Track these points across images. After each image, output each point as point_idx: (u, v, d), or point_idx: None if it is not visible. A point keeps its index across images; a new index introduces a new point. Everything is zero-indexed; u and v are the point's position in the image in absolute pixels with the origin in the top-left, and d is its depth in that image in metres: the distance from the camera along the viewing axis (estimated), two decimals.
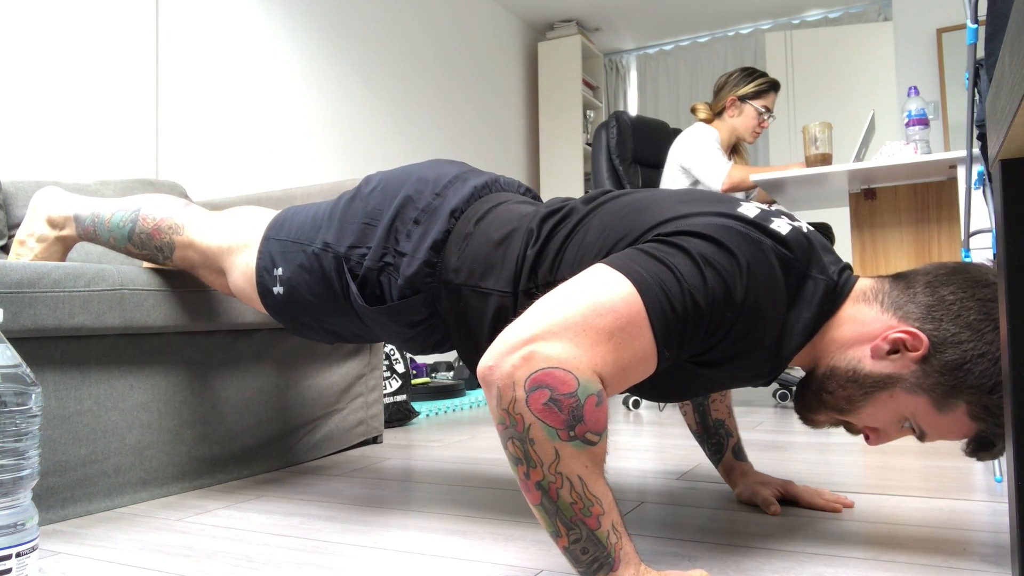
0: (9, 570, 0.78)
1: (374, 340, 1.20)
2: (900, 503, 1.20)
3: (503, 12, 4.67)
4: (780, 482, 1.20)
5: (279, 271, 1.13)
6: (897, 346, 0.83)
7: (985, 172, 1.05)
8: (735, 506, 1.19)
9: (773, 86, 2.73)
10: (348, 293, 1.07)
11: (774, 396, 2.66)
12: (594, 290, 0.74)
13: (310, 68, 3.13)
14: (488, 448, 1.84)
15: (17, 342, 1.14)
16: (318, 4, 3.18)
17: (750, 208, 0.87)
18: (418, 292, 1.03)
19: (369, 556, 0.98)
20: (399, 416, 2.33)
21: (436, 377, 3.55)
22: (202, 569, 0.94)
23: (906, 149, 2.19)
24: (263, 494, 1.37)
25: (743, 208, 0.86)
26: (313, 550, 1.02)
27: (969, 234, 1.30)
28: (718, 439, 1.26)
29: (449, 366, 3.68)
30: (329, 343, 1.28)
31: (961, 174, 2.04)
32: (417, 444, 1.94)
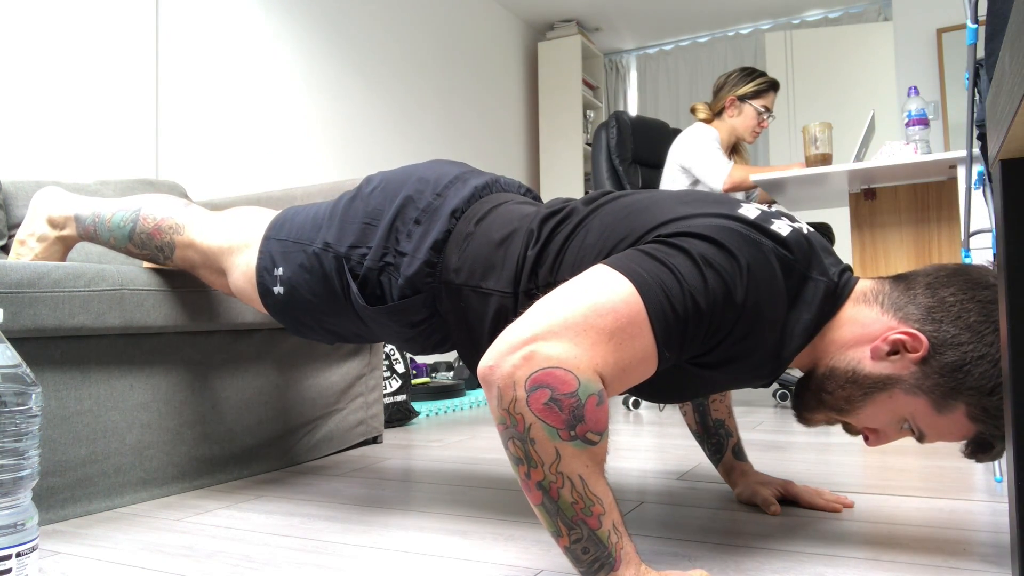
0: (9, 570, 0.78)
1: (374, 340, 1.20)
2: (900, 503, 1.20)
3: (503, 12, 4.67)
4: (780, 482, 1.20)
5: (279, 271, 1.13)
6: (897, 347, 0.83)
7: (985, 172, 1.05)
8: (735, 506, 1.19)
9: (772, 86, 2.73)
10: (348, 293, 1.07)
11: (774, 396, 2.66)
12: (595, 290, 0.74)
13: (310, 68, 3.13)
14: (488, 448, 1.84)
15: (17, 342, 1.14)
16: (318, 4, 3.18)
17: (750, 209, 0.87)
18: (418, 292, 1.03)
19: (369, 556, 0.99)
20: (399, 416, 2.33)
21: (436, 377, 3.55)
22: (202, 569, 0.94)
23: (906, 149, 2.19)
24: (263, 494, 1.37)
25: (743, 209, 0.86)
26: (313, 550, 1.02)
27: (969, 234, 1.30)
28: (718, 439, 1.26)
29: (449, 366, 3.68)
30: (329, 343, 1.28)
31: (961, 174, 2.04)
32: (417, 444, 1.94)
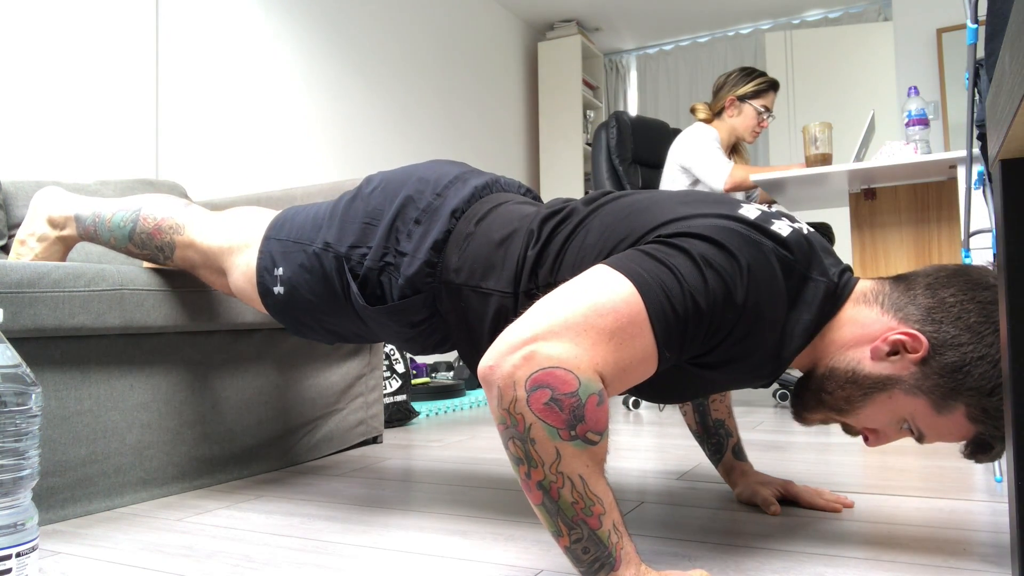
0: (9, 570, 0.78)
1: (374, 340, 1.20)
2: (900, 503, 1.20)
3: (503, 12, 4.67)
4: (780, 482, 1.20)
5: (280, 271, 1.13)
6: (897, 348, 0.83)
7: (985, 172, 1.05)
8: (735, 506, 1.19)
9: (772, 85, 2.73)
10: (349, 293, 1.07)
11: (774, 396, 2.66)
12: (595, 290, 0.74)
13: (310, 68, 3.13)
14: (488, 448, 1.84)
15: (17, 342, 1.14)
16: (318, 4, 3.18)
17: (751, 210, 0.87)
18: (419, 292, 1.03)
19: (369, 556, 0.99)
20: (399, 416, 2.33)
21: (436, 377, 3.55)
22: (202, 569, 0.94)
23: (906, 149, 2.19)
24: (263, 494, 1.37)
25: (744, 210, 0.86)
26: (313, 550, 1.02)
27: (969, 234, 1.30)
28: (718, 439, 1.26)
29: (449, 366, 3.68)
30: (329, 343, 1.28)
31: (961, 174, 2.04)
32: (417, 444, 1.94)
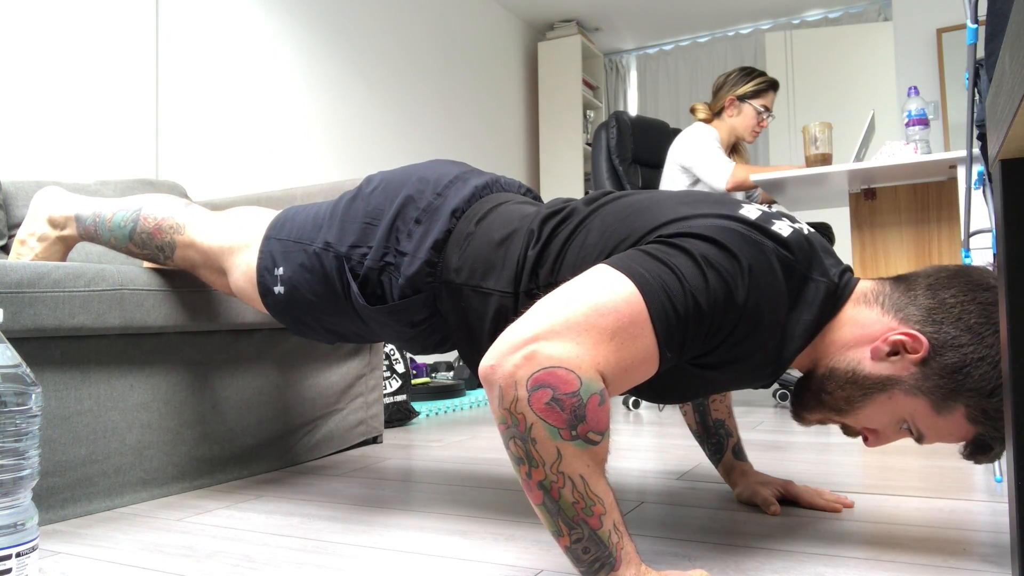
0: (9, 570, 0.78)
1: (375, 340, 1.20)
2: (900, 503, 1.20)
3: (503, 12, 4.67)
4: (780, 482, 1.20)
5: (280, 271, 1.13)
6: (897, 348, 0.83)
7: (985, 172, 1.05)
8: (735, 506, 1.19)
9: (772, 85, 2.73)
10: (349, 292, 1.07)
11: (774, 396, 2.66)
12: (596, 290, 0.74)
13: (310, 68, 3.13)
14: (488, 448, 1.84)
15: (17, 342, 1.14)
16: (318, 4, 3.18)
17: (751, 210, 0.87)
18: (419, 292, 1.03)
19: (369, 556, 0.99)
20: (399, 416, 2.33)
21: (436, 377, 3.55)
22: (202, 569, 0.94)
23: (906, 149, 2.19)
24: (263, 494, 1.37)
25: (745, 210, 0.86)
26: (313, 550, 1.02)
27: (969, 234, 1.30)
28: (718, 439, 1.26)
29: (449, 366, 3.68)
30: (330, 343, 1.28)
31: (961, 174, 2.04)
32: (417, 444, 1.94)
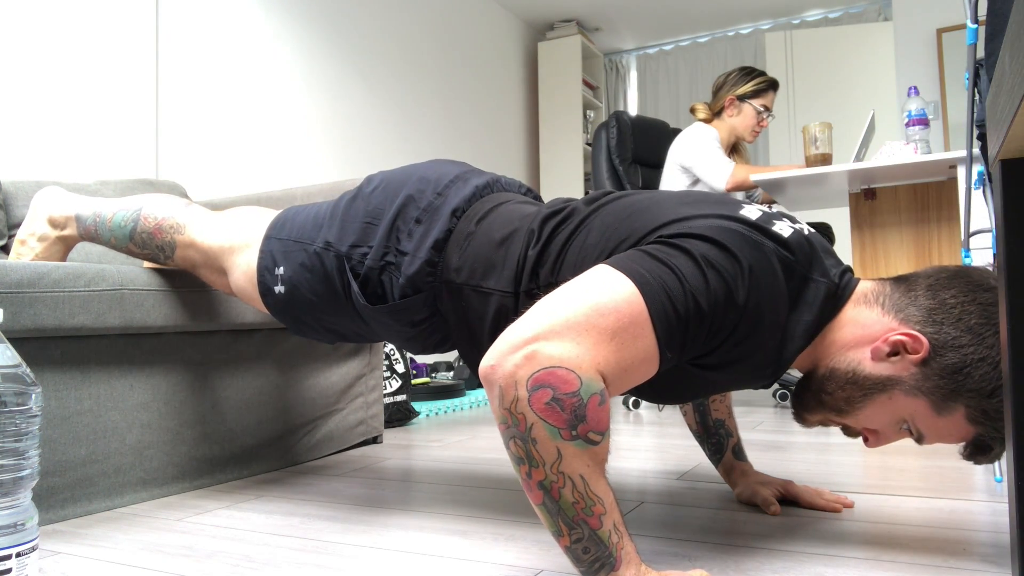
0: (9, 570, 0.78)
1: (375, 339, 1.20)
2: (900, 503, 1.20)
3: (503, 12, 4.67)
4: (780, 482, 1.20)
5: (280, 270, 1.13)
6: (897, 348, 0.83)
7: (985, 172, 1.05)
8: (735, 506, 1.19)
9: (772, 85, 2.73)
10: (349, 292, 1.07)
11: (774, 396, 2.66)
12: (596, 290, 0.74)
13: (310, 68, 3.13)
14: (488, 448, 1.84)
15: (17, 342, 1.14)
16: (318, 4, 3.18)
17: (752, 210, 0.87)
18: (419, 291, 1.03)
19: (369, 556, 0.99)
20: (399, 416, 2.33)
21: (436, 377, 3.55)
22: (202, 569, 0.94)
23: (906, 149, 2.19)
24: (263, 494, 1.37)
25: (745, 210, 0.86)
26: (313, 550, 1.02)
27: (969, 234, 1.30)
28: (718, 439, 1.26)
29: (449, 366, 3.68)
30: (330, 343, 1.28)
31: (961, 174, 2.04)
32: (417, 444, 1.94)
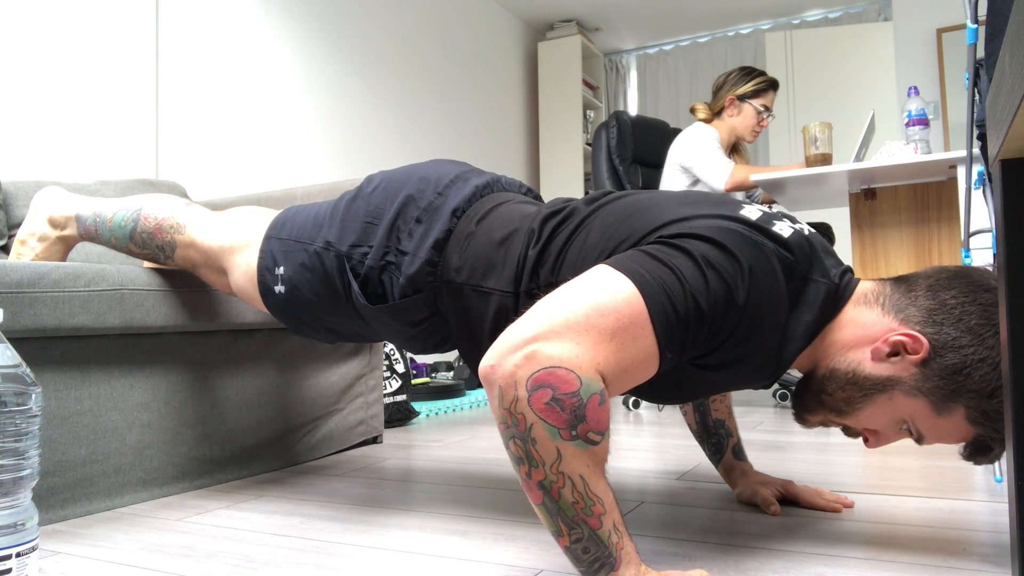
0: (9, 570, 0.78)
1: (375, 339, 1.20)
2: (900, 503, 1.20)
3: (503, 12, 4.67)
4: (780, 482, 1.20)
5: (280, 270, 1.13)
6: (897, 349, 0.83)
7: (985, 172, 1.05)
8: (735, 506, 1.20)
9: (772, 85, 2.73)
10: (350, 292, 1.07)
11: (774, 396, 2.66)
12: (596, 290, 0.74)
13: (310, 68, 3.13)
14: (488, 448, 1.84)
15: (17, 342, 1.14)
16: (318, 4, 3.18)
17: (752, 211, 0.87)
18: (420, 291, 1.03)
19: (369, 556, 0.99)
20: (399, 416, 2.33)
21: (436, 377, 3.55)
22: (202, 569, 0.94)
23: (906, 149, 2.19)
24: (263, 494, 1.37)
25: (745, 211, 0.86)
26: (313, 550, 1.02)
27: (969, 234, 1.30)
28: (718, 439, 1.26)
29: (449, 366, 3.68)
30: (330, 342, 1.28)
31: (961, 174, 2.04)
32: (417, 444, 1.94)
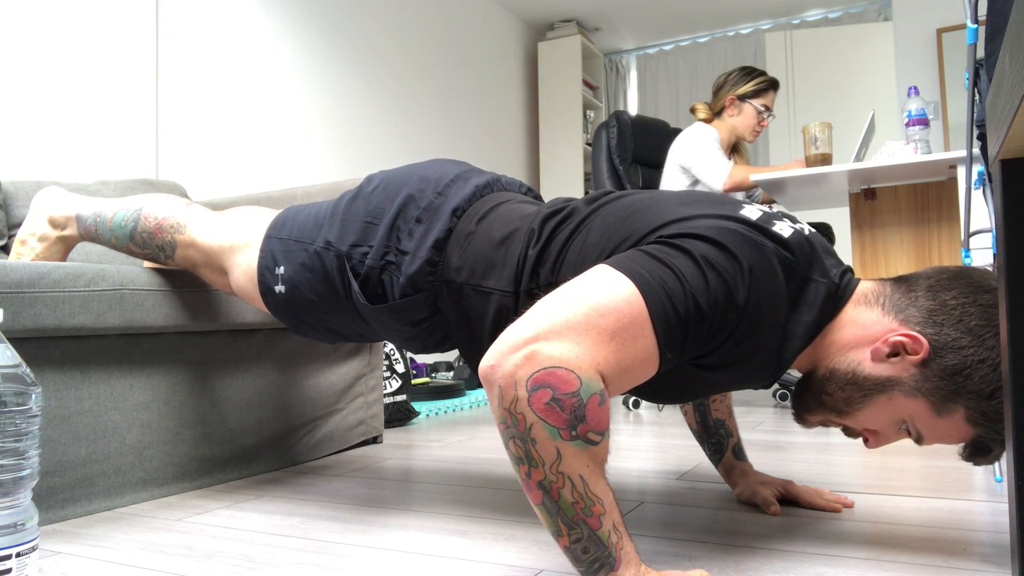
0: (9, 570, 0.78)
1: (375, 339, 1.20)
2: (900, 503, 1.20)
3: (503, 12, 4.67)
4: (780, 482, 1.20)
5: (281, 270, 1.13)
6: (897, 349, 0.83)
7: (985, 172, 1.05)
8: (735, 506, 1.20)
9: (772, 85, 2.73)
10: (350, 292, 1.07)
11: (774, 396, 2.66)
12: (596, 290, 0.74)
13: (310, 68, 3.13)
14: (488, 448, 1.84)
15: (17, 342, 1.14)
16: (318, 4, 3.18)
17: (752, 211, 0.87)
18: (420, 291, 1.03)
19: (369, 556, 0.99)
20: (399, 416, 2.33)
21: (436, 377, 3.55)
22: (202, 569, 0.94)
23: (906, 149, 2.19)
24: (263, 494, 1.37)
25: (745, 210, 0.86)
26: (313, 550, 1.02)
27: (969, 234, 1.30)
28: (718, 439, 1.26)
29: (449, 366, 3.68)
30: (330, 342, 1.28)
31: (961, 174, 2.04)
32: (417, 444, 1.94)
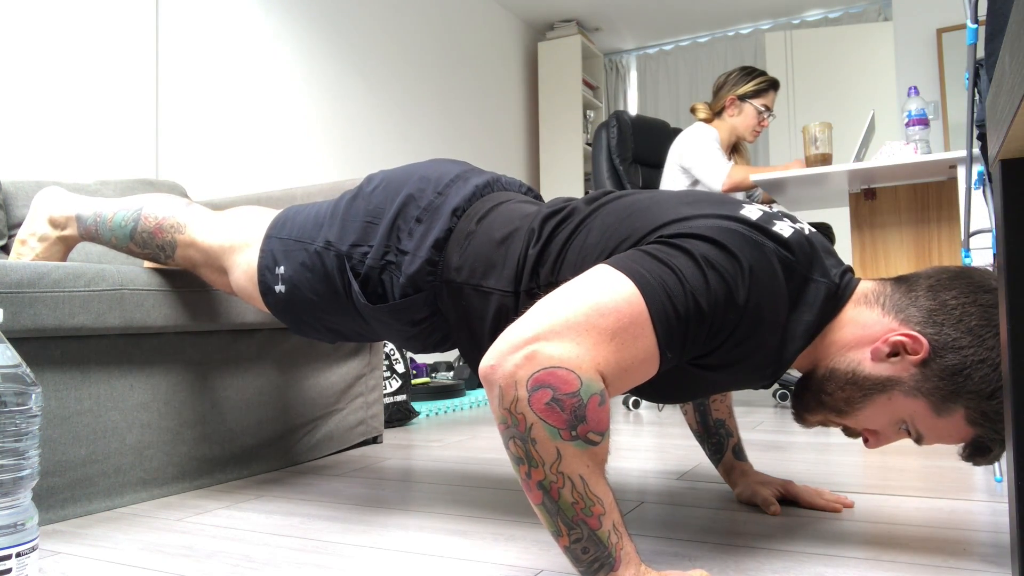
0: (9, 570, 0.78)
1: (375, 339, 1.20)
2: (900, 503, 1.20)
3: (503, 12, 4.67)
4: (780, 482, 1.20)
5: (281, 269, 1.13)
6: (897, 349, 0.83)
7: (985, 172, 1.05)
8: (735, 506, 1.20)
9: (772, 85, 2.73)
10: (350, 291, 1.07)
11: (774, 396, 2.66)
12: (597, 290, 0.74)
13: (310, 68, 3.13)
14: (488, 448, 1.84)
15: (17, 342, 1.14)
16: (318, 4, 3.18)
17: (752, 210, 0.87)
18: (420, 291, 1.03)
19: (369, 556, 0.99)
20: (399, 416, 2.33)
21: (436, 377, 3.55)
22: (202, 569, 0.94)
23: (906, 149, 2.19)
24: (263, 494, 1.37)
25: (746, 210, 0.86)
26: (313, 550, 1.02)
27: (969, 234, 1.30)
28: (718, 439, 1.26)
29: (449, 366, 3.68)
30: (331, 342, 1.28)
31: (961, 174, 2.04)
32: (417, 444, 1.94)
